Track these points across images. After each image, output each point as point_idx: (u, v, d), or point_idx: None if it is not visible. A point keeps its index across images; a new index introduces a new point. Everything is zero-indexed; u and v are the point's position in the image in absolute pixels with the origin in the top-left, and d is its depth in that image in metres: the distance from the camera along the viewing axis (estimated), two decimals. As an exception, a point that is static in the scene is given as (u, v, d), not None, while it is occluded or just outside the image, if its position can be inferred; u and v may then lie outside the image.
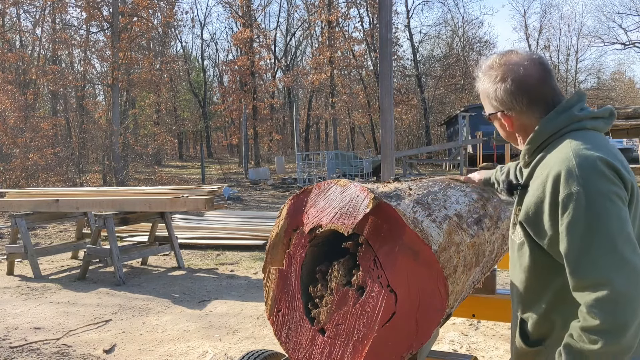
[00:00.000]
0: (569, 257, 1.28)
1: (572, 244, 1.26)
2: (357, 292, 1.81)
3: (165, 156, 35.42)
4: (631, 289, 1.19)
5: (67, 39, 24.00)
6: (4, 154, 17.96)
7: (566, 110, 1.43)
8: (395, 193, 1.89)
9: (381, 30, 6.26)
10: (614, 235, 1.22)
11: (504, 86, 1.45)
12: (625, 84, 47.09)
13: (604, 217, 1.23)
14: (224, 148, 43.39)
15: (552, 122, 1.42)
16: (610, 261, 1.21)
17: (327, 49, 31.20)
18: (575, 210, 1.25)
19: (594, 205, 1.24)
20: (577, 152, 1.32)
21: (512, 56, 1.48)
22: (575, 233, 1.26)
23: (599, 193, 1.25)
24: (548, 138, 1.43)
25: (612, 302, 1.19)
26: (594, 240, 1.23)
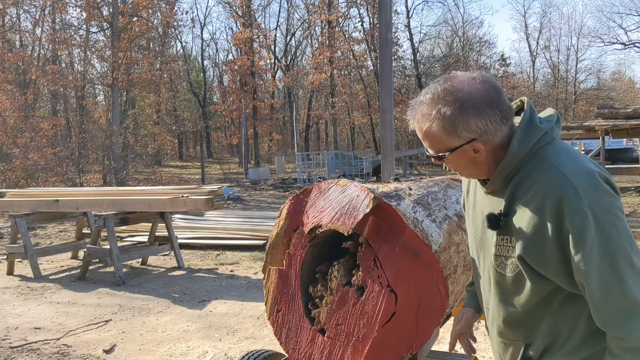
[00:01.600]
0: (592, 286, 1.20)
1: (592, 272, 1.19)
2: (357, 292, 1.81)
3: (165, 156, 35.44)
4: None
5: (67, 39, 24.01)
6: (4, 154, 17.97)
7: (530, 125, 1.32)
8: (396, 193, 1.89)
9: (381, 30, 6.26)
10: (628, 252, 1.20)
11: (475, 110, 1.27)
12: (625, 84, 47.07)
13: (616, 236, 1.20)
14: (224, 148, 43.39)
15: (523, 143, 1.30)
16: (633, 280, 1.19)
17: (327, 49, 31.19)
18: (588, 236, 1.19)
19: (605, 226, 1.19)
20: (570, 170, 1.24)
21: (458, 80, 1.31)
22: (594, 260, 1.19)
23: (607, 211, 1.20)
24: (520, 160, 1.31)
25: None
26: (614, 264, 1.19)
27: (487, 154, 1.32)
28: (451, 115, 1.27)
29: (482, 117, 1.27)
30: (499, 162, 1.33)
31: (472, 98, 1.27)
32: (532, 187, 1.27)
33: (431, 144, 1.35)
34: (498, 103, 1.29)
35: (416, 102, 1.36)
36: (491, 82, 1.31)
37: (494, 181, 1.36)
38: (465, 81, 1.30)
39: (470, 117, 1.27)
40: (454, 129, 1.28)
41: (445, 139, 1.31)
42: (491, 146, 1.32)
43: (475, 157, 1.33)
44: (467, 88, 1.28)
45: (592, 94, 40.63)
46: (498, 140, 1.31)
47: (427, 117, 1.31)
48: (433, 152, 1.36)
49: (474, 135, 1.29)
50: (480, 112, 1.27)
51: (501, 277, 1.40)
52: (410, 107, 1.37)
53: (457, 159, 1.35)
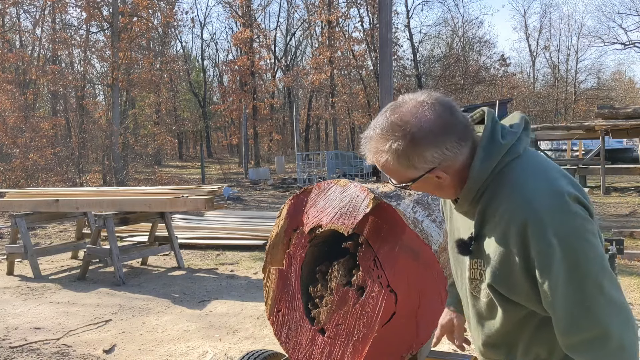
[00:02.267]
0: (557, 313, 1.17)
1: (558, 300, 1.15)
2: (357, 292, 1.81)
3: (165, 156, 35.45)
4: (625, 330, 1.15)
5: (67, 39, 24.01)
6: (4, 154, 17.97)
7: (490, 142, 1.24)
8: (396, 193, 1.89)
9: (381, 30, 6.26)
10: (598, 278, 1.14)
11: (428, 141, 1.19)
12: (625, 84, 47.08)
13: (584, 261, 1.14)
14: (224, 148, 43.40)
15: (485, 161, 1.23)
16: (602, 307, 1.14)
17: (327, 49, 31.19)
18: (553, 264, 1.13)
19: (573, 253, 1.13)
20: (535, 192, 1.17)
21: (404, 108, 1.23)
22: (559, 288, 1.15)
23: (575, 236, 1.14)
24: (484, 182, 1.24)
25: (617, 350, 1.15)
26: (581, 290, 1.14)
27: (452, 177, 1.26)
28: (403, 150, 1.20)
29: (437, 147, 1.20)
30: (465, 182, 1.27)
31: (423, 129, 1.19)
32: (497, 211, 1.22)
33: (392, 175, 1.29)
34: (453, 126, 1.21)
35: (367, 137, 1.28)
36: (441, 103, 1.23)
37: (461, 204, 1.31)
38: (412, 110, 1.21)
39: (424, 149, 1.20)
40: (410, 163, 1.22)
41: (404, 172, 1.25)
42: (454, 170, 1.25)
43: (439, 182, 1.27)
44: (415, 119, 1.20)
45: (592, 94, 40.64)
46: (460, 162, 1.25)
47: (381, 152, 1.24)
48: (396, 182, 1.30)
49: (433, 165, 1.22)
50: (433, 142, 1.19)
51: (476, 301, 1.37)
52: (363, 142, 1.30)
53: (422, 186, 1.29)
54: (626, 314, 1.18)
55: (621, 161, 20.02)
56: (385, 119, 1.24)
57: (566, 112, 39.85)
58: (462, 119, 1.23)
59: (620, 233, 7.80)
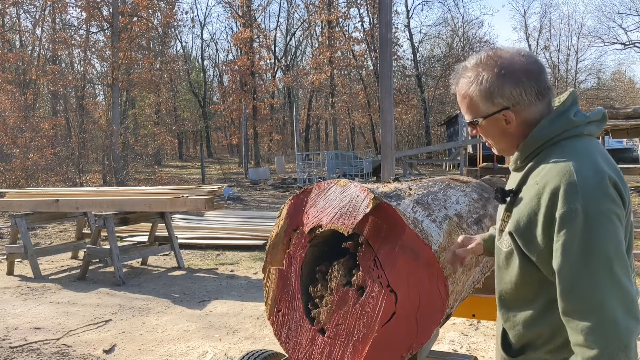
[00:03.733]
0: (562, 275, 1.22)
1: (566, 263, 1.20)
2: (357, 292, 1.81)
3: (165, 156, 35.45)
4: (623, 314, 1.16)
5: (67, 39, 24.01)
6: (4, 154, 17.96)
7: (562, 114, 1.34)
8: (395, 193, 1.89)
9: (381, 30, 6.26)
10: (610, 257, 1.18)
11: (512, 78, 1.30)
12: (625, 84, 47.08)
13: (602, 238, 1.18)
14: (224, 148, 43.41)
15: (548, 129, 1.33)
16: (605, 285, 1.17)
17: (327, 49, 31.19)
18: (573, 229, 1.19)
19: (594, 226, 1.18)
20: (580, 166, 1.23)
21: (503, 52, 1.35)
22: (571, 252, 1.19)
23: (600, 213, 1.19)
24: (542, 145, 1.34)
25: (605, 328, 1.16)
26: (590, 262, 1.18)
27: (518, 126, 1.35)
28: (489, 79, 1.32)
29: (518, 86, 1.31)
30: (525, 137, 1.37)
31: (512, 65, 1.31)
32: (540, 173, 1.30)
33: (468, 108, 1.39)
34: (536, 77, 1.32)
35: (460, 67, 1.40)
36: (535, 58, 1.35)
37: (515, 158, 1.41)
38: (510, 51, 1.35)
39: (507, 83, 1.31)
40: (489, 94, 1.33)
41: (480, 104, 1.36)
42: (522, 119, 1.35)
43: (506, 128, 1.37)
44: (510, 57, 1.33)
45: (592, 94, 40.63)
46: (531, 115, 1.34)
47: (467, 80, 1.36)
48: (469, 118, 1.40)
49: (507, 104, 1.33)
50: (516, 81, 1.31)
51: (499, 251, 1.45)
52: (454, 71, 1.42)
53: (489, 128, 1.39)
54: (630, 303, 1.18)
55: (621, 161, 20.03)
56: (483, 53, 1.37)
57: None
58: (547, 82, 1.35)
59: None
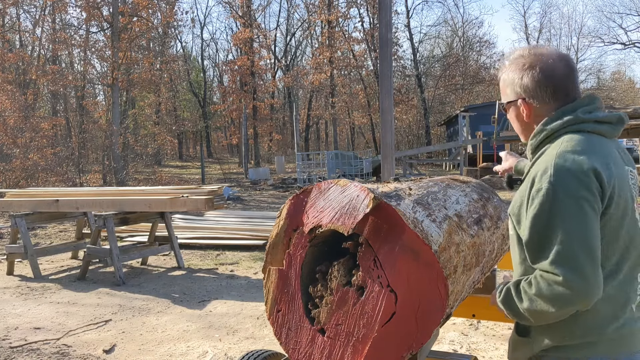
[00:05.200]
0: (528, 246, 1.37)
1: (531, 235, 1.35)
2: (357, 292, 1.81)
3: (165, 156, 35.44)
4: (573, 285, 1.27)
5: (67, 39, 24.00)
6: (4, 154, 17.96)
7: (571, 111, 1.46)
8: (395, 193, 1.89)
9: (381, 30, 6.26)
10: (571, 235, 1.28)
11: (532, 73, 1.47)
12: (625, 84, 47.05)
13: (566, 217, 1.29)
14: (224, 148, 43.39)
15: (553, 121, 1.46)
16: (563, 259, 1.28)
17: (327, 49, 31.18)
18: (540, 205, 1.33)
19: (559, 204, 1.30)
20: (561, 152, 1.37)
21: (543, 49, 1.52)
22: (535, 225, 1.33)
23: (567, 194, 1.30)
24: (548, 137, 1.46)
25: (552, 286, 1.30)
26: (551, 236, 1.30)
27: (531, 119, 1.52)
28: (515, 72, 1.51)
29: (534, 81, 1.47)
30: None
31: (539, 65, 1.47)
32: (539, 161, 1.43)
33: (502, 92, 1.59)
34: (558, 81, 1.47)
35: (508, 54, 1.59)
36: (568, 61, 1.50)
37: (528, 149, 1.54)
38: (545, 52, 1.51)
39: (525, 76, 1.49)
40: (511, 84, 1.53)
41: (507, 90, 1.55)
42: (536, 113, 1.50)
43: (522, 116, 1.53)
44: (542, 57, 1.48)
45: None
46: (544, 112, 1.49)
47: (504, 67, 1.57)
48: (503, 99, 1.60)
49: (525, 95, 1.50)
50: (534, 77, 1.47)
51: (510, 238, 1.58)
52: (504, 57, 1.61)
53: (512, 112, 1.57)
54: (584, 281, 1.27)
55: (621, 161, 19.99)
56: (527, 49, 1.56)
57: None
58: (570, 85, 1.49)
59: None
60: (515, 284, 1.43)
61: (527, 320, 1.42)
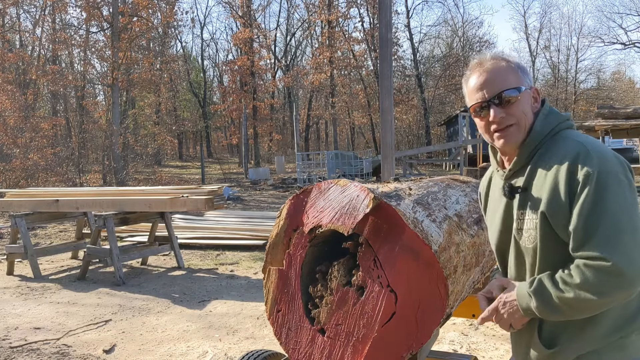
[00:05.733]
0: (575, 233, 1.29)
1: (579, 222, 1.28)
2: (357, 292, 1.81)
3: (165, 156, 35.44)
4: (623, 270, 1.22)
5: (67, 39, 24.01)
6: (4, 154, 17.96)
7: (551, 111, 1.49)
8: (395, 193, 1.89)
9: (381, 30, 6.26)
10: (620, 220, 1.25)
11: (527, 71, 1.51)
12: (625, 84, 47.05)
13: (615, 201, 1.26)
14: (224, 148, 43.39)
15: (546, 122, 1.46)
16: (611, 243, 1.24)
17: (327, 49, 31.19)
18: (592, 190, 1.27)
19: (609, 188, 1.27)
20: (590, 141, 1.37)
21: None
22: (584, 210, 1.27)
23: (616, 178, 1.28)
24: (544, 138, 1.45)
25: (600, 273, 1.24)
26: (599, 222, 1.25)
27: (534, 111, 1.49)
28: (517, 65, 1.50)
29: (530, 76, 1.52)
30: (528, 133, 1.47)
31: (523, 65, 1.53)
32: (552, 157, 1.39)
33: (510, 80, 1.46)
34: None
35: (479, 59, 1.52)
36: None
37: (519, 159, 1.47)
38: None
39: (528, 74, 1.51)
40: (525, 70, 1.50)
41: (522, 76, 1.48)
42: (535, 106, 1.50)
43: (532, 107, 1.49)
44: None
45: (592, 94, 40.63)
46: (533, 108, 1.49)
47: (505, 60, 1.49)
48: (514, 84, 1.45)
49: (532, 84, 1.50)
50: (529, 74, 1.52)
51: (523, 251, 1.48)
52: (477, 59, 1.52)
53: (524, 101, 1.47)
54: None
55: (621, 161, 19.98)
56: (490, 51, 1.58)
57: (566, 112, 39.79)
58: None
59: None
60: (549, 276, 1.35)
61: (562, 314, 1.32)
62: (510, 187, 1.48)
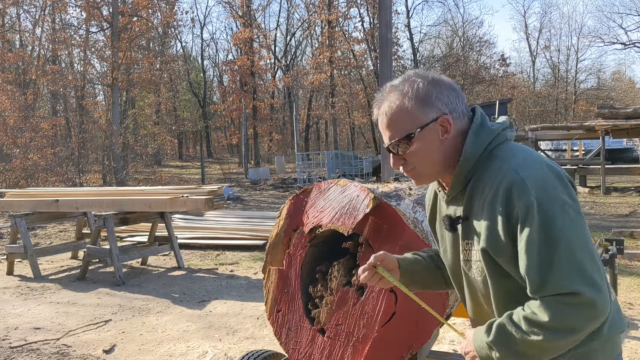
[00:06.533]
0: (530, 276, 1.18)
1: (531, 262, 1.17)
2: (357, 292, 1.81)
3: (165, 156, 35.45)
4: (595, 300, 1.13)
5: (67, 39, 24.02)
6: (4, 154, 17.97)
7: (481, 126, 1.33)
8: (396, 193, 1.89)
9: (381, 30, 6.27)
10: (573, 248, 1.16)
11: (444, 84, 1.33)
12: (625, 84, 47.05)
13: (563, 230, 1.16)
14: (224, 148, 43.40)
15: (477, 142, 1.31)
16: (574, 274, 1.14)
17: (327, 49, 31.19)
18: (532, 225, 1.17)
19: (551, 218, 1.16)
20: (520, 163, 1.24)
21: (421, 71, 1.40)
22: (532, 249, 1.17)
23: (557, 199, 1.18)
24: (477, 161, 1.31)
25: (571, 307, 1.14)
26: (553, 255, 1.15)
27: (453, 138, 1.32)
28: (425, 86, 1.31)
29: (452, 93, 1.33)
30: (458, 155, 1.32)
31: (441, 78, 1.35)
32: (486, 185, 1.27)
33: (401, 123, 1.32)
34: (459, 92, 1.36)
35: (384, 89, 1.38)
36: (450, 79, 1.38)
37: (454, 185, 1.36)
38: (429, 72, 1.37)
39: (443, 89, 1.32)
40: (428, 98, 1.31)
41: (419, 112, 1.31)
42: (457, 129, 1.33)
43: (442, 140, 1.32)
44: (433, 74, 1.36)
45: (592, 94, 40.62)
46: (462, 126, 1.34)
47: (399, 94, 1.33)
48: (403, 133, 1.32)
49: (445, 110, 1.31)
50: (449, 89, 1.33)
51: (474, 284, 1.39)
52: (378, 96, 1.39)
53: (425, 141, 1.32)
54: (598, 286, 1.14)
55: (621, 161, 20.02)
56: (407, 73, 1.38)
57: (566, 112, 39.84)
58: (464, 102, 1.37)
59: (620, 233, 7.79)
60: (509, 319, 1.22)
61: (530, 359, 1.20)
62: (450, 220, 1.37)
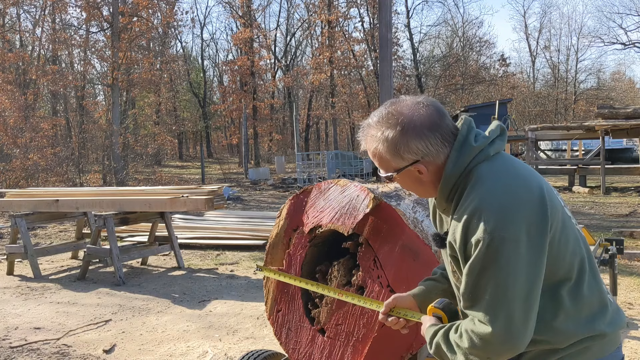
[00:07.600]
0: (463, 298, 1.30)
1: (467, 287, 1.28)
2: (357, 292, 1.81)
3: (165, 156, 35.44)
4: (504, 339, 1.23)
5: (67, 39, 24.02)
6: (4, 154, 17.97)
7: (463, 144, 1.36)
8: (396, 193, 1.89)
9: (381, 30, 6.27)
10: (507, 283, 1.22)
11: (415, 132, 1.34)
12: (625, 84, 47.08)
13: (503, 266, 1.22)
14: (224, 148, 43.41)
15: (457, 163, 1.35)
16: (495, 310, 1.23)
17: (327, 49, 31.19)
18: (477, 254, 1.24)
19: (502, 252, 1.22)
20: (490, 190, 1.27)
21: (403, 104, 1.39)
22: (472, 276, 1.26)
23: (511, 238, 1.22)
24: (457, 180, 1.35)
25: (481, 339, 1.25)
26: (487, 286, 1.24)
27: (431, 174, 1.38)
28: (393, 137, 1.35)
29: (422, 140, 1.34)
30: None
31: (413, 121, 1.34)
32: (460, 207, 1.32)
33: (380, 164, 1.42)
34: (439, 126, 1.36)
35: (365, 124, 1.43)
36: (435, 106, 1.38)
37: (439, 202, 1.43)
38: (409, 105, 1.38)
39: (411, 139, 1.34)
40: (396, 151, 1.36)
41: (391, 160, 1.38)
42: (435, 167, 1.37)
43: (420, 178, 1.40)
44: (409, 112, 1.36)
45: (592, 94, 40.64)
46: (440, 161, 1.37)
47: (374, 138, 1.39)
48: (383, 173, 1.43)
49: (416, 157, 1.36)
50: (420, 135, 1.34)
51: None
52: (361, 129, 1.45)
53: (404, 179, 1.41)
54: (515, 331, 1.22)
55: (621, 161, 20.02)
56: (384, 109, 1.40)
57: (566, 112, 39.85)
58: (449, 124, 1.38)
59: (620, 233, 7.80)
60: (445, 336, 1.36)
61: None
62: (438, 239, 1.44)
